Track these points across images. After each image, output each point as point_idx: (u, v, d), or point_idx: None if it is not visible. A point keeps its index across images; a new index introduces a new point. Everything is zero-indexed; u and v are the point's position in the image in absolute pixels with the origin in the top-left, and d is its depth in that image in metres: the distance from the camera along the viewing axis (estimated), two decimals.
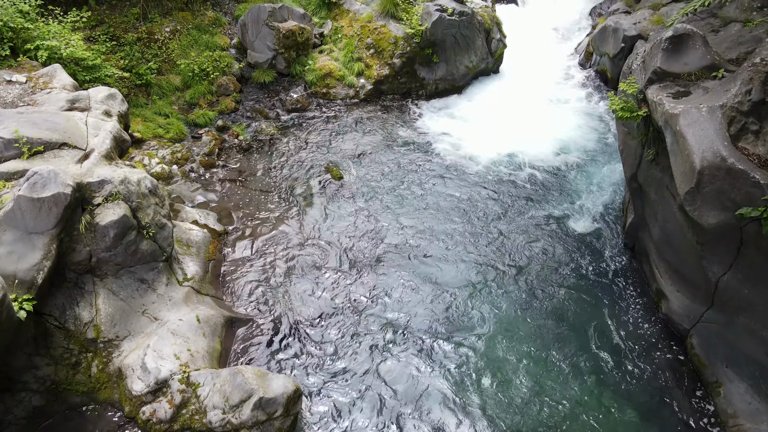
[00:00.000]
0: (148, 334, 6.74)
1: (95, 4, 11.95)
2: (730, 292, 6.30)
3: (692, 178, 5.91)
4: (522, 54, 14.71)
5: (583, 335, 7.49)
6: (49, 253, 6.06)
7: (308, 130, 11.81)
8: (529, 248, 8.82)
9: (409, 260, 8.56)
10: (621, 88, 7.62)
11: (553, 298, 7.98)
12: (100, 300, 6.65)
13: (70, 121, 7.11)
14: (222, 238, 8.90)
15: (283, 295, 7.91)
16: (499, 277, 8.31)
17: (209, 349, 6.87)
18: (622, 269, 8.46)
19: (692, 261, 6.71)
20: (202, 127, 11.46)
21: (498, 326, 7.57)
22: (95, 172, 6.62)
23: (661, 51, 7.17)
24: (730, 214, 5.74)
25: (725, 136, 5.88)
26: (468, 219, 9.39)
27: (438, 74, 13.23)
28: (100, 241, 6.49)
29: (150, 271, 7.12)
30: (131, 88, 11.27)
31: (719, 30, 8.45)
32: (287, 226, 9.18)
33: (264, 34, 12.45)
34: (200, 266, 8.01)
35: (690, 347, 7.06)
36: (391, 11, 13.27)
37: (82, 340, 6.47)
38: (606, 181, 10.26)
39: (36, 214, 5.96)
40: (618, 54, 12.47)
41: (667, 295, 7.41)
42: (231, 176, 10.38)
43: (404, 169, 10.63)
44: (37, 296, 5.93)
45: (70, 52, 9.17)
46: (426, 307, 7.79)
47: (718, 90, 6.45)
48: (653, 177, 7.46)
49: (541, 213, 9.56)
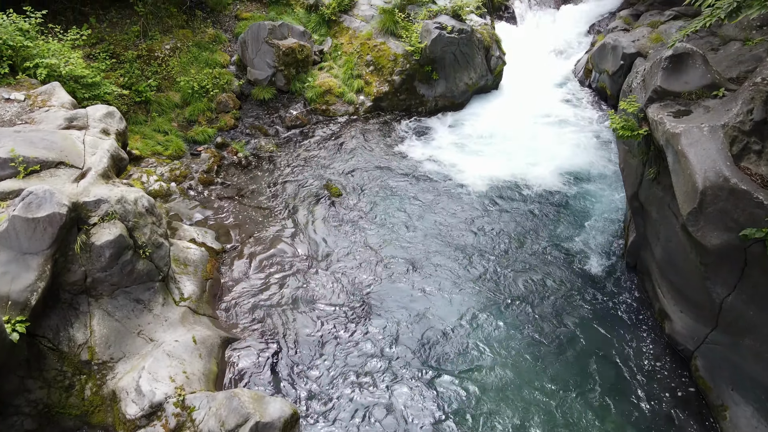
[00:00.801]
0: (144, 355, 6.63)
1: (96, 22, 12.00)
2: (735, 313, 6.20)
3: (695, 199, 5.85)
4: (521, 71, 14.75)
5: (586, 357, 7.36)
6: (44, 274, 5.97)
7: (307, 147, 11.78)
8: (529, 268, 8.73)
9: (409, 283, 8.45)
10: (621, 107, 7.59)
11: (553, 320, 7.87)
12: (95, 321, 6.55)
13: (67, 139, 7.06)
14: (220, 256, 8.82)
15: (280, 316, 7.80)
16: (498, 297, 8.20)
17: (205, 370, 6.75)
18: (624, 289, 8.36)
19: (696, 281, 6.62)
20: (201, 144, 11.44)
21: (497, 348, 7.44)
22: (92, 191, 6.55)
23: (661, 70, 7.16)
24: (734, 234, 5.67)
25: (727, 156, 5.83)
26: (465, 240, 9.30)
27: (438, 91, 13.25)
28: (96, 261, 6.40)
29: (146, 291, 7.02)
30: (130, 105, 11.26)
31: (719, 48, 8.45)
32: (286, 244, 9.09)
33: (264, 52, 12.48)
34: (197, 285, 7.91)
35: (695, 369, 6.93)
36: (391, 29, 13.33)
37: (75, 362, 6.35)
38: (606, 199, 10.20)
39: (31, 235, 5.88)
40: (617, 71, 12.50)
41: (670, 316, 7.30)
42: (229, 194, 10.32)
43: (403, 187, 10.56)
44: (31, 318, 5.83)
45: (69, 70, 9.15)
46: (426, 332, 7.67)
47: (719, 109, 6.41)
48: (655, 196, 7.40)
49: (541, 232, 9.49)
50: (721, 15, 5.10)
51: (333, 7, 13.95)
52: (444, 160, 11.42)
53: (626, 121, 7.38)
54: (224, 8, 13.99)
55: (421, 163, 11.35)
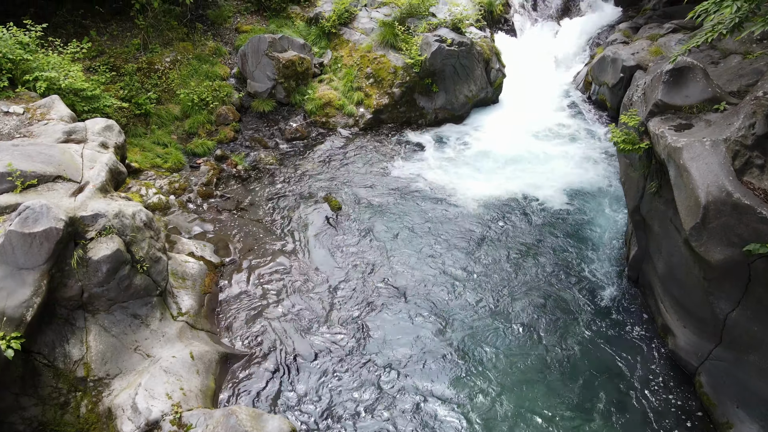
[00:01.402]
0: (140, 372, 6.54)
1: (96, 35, 12.03)
2: (739, 329, 6.13)
3: (697, 213, 5.80)
4: (521, 83, 14.76)
5: (588, 373, 7.27)
6: (40, 289, 5.91)
7: (307, 160, 11.76)
8: (528, 282, 8.65)
9: (409, 303, 8.35)
10: (622, 121, 7.57)
11: (553, 336, 7.77)
12: (91, 337, 6.47)
13: (65, 153, 7.02)
14: (218, 270, 8.75)
15: (279, 331, 7.71)
16: (497, 315, 8.12)
17: (203, 387, 6.66)
18: (625, 304, 8.28)
19: (699, 296, 6.55)
20: (201, 156, 11.41)
21: (497, 368, 7.35)
22: (89, 205, 6.50)
23: (661, 84, 7.13)
24: (738, 250, 5.61)
25: (730, 171, 5.78)
26: (463, 253, 9.23)
27: (437, 104, 13.25)
28: (93, 277, 6.34)
29: (143, 306, 6.95)
30: (130, 117, 11.25)
31: (719, 62, 8.46)
32: (285, 258, 9.03)
33: (264, 64, 12.50)
34: (195, 300, 7.84)
35: (698, 385, 6.84)
36: (391, 41, 13.36)
37: (71, 379, 6.27)
38: (607, 213, 10.14)
39: (27, 250, 5.83)
40: (617, 84, 12.50)
41: (673, 331, 7.22)
42: (229, 206, 10.27)
43: (402, 201, 10.50)
44: (26, 334, 5.76)
45: (68, 83, 9.15)
46: (426, 353, 7.55)
47: (720, 123, 6.38)
48: (657, 210, 7.35)
49: (541, 246, 9.42)
50: (723, 31, 5.08)
51: (333, 20, 14.00)
52: (443, 173, 11.38)
53: (627, 135, 7.35)
54: (225, 21, 14.05)
55: (420, 176, 11.30)
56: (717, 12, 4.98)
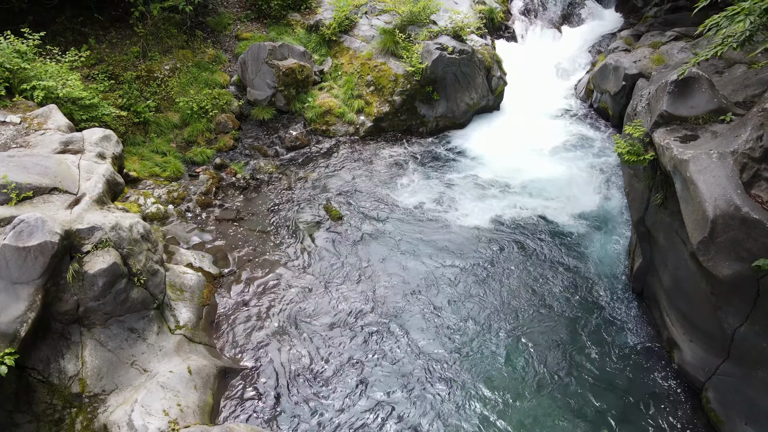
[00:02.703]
0: (137, 387, 6.41)
1: (95, 42, 11.96)
2: (748, 344, 6.01)
3: (705, 228, 5.69)
4: (522, 91, 14.68)
5: (592, 387, 7.14)
6: (34, 304, 5.80)
7: (307, 168, 11.66)
8: (531, 293, 8.54)
9: (410, 318, 8.20)
10: (627, 131, 7.46)
11: (557, 349, 7.65)
12: (87, 352, 6.34)
13: (61, 164, 6.92)
14: (217, 281, 8.63)
15: (278, 344, 7.59)
16: (499, 327, 8.00)
17: (200, 403, 6.53)
18: (630, 316, 8.16)
19: (706, 310, 6.43)
20: (200, 165, 11.31)
21: (500, 383, 7.23)
22: (85, 218, 6.39)
23: (666, 94, 7.04)
24: (746, 265, 5.50)
25: (738, 184, 5.68)
26: (466, 269, 9.11)
27: (438, 111, 13.16)
28: (89, 290, 6.22)
29: (140, 319, 6.82)
30: (129, 126, 11.15)
31: (723, 71, 8.37)
32: (285, 269, 8.91)
33: (264, 72, 12.42)
34: (194, 312, 7.71)
35: (705, 401, 6.71)
36: (391, 49, 13.29)
37: (66, 395, 6.14)
38: (610, 223, 10.02)
39: (21, 264, 5.72)
40: (619, 92, 12.43)
41: (679, 345, 7.10)
42: (228, 216, 10.16)
43: (402, 213, 10.38)
44: (20, 349, 5.65)
45: (66, 92, 9.06)
46: (428, 371, 7.44)
47: (727, 135, 6.28)
48: (662, 222, 7.24)
49: (541, 256, 9.30)
50: (734, 45, 4.98)
51: (333, 27, 13.92)
52: (444, 183, 11.27)
53: (632, 146, 7.25)
54: (225, 28, 13.97)
55: (421, 186, 11.20)
56: (729, 27, 4.88)
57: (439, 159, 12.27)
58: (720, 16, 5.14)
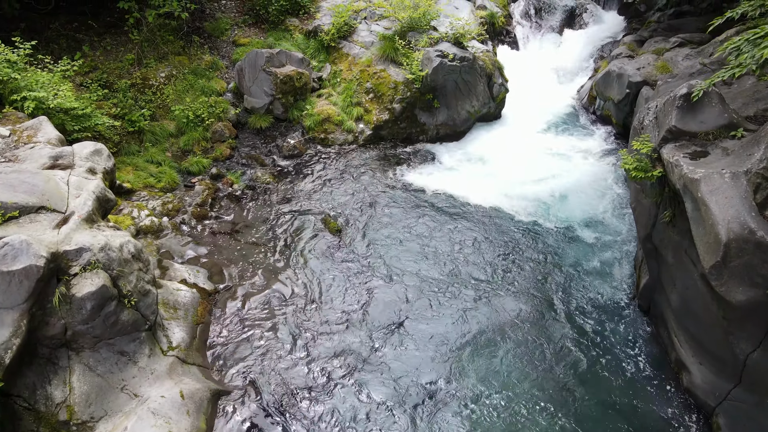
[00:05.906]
0: (127, 413, 6.18)
1: (89, 49, 11.73)
2: (761, 371, 5.78)
3: (718, 252, 5.46)
4: (524, 98, 14.45)
5: (598, 408, 6.91)
6: (19, 330, 5.56)
7: (305, 178, 11.42)
8: (534, 308, 8.31)
9: (410, 334, 7.98)
10: (634, 146, 7.22)
11: (561, 369, 7.42)
12: (75, 377, 6.11)
13: (50, 181, 6.68)
14: (212, 297, 8.40)
15: (275, 365, 7.35)
16: (502, 345, 7.77)
17: (193, 429, 6.30)
18: (636, 334, 7.93)
19: (717, 334, 6.20)
20: (196, 175, 11.08)
21: (501, 402, 7.00)
22: (73, 238, 6.16)
23: (675, 108, 6.81)
24: (761, 291, 5.27)
25: (752, 206, 5.45)
26: (469, 285, 8.89)
27: (439, 119, 12.93)
28: (77, 314, 5.99)
29: (131, 342, 6.59)
30: (123, 135, 10.92)
31: (732, 83, 8.14)
32: (282, 284, 8.68)
33: (261, 79, 12.19)
34: (187, 332, 7.49)
35: (716, 427, 6.49)
36: (391, 56, 13.05)
37: (53, 423, 5.91)
38: (615, 237, 9.78)
39: (5, 289, 5.49)
40: (623, 100, 12.20)
41: (688, 368, 6.87)
42: (224, 228, 9.93)
43: (403, 224, 10.14)
44: (5, 377, 5.42)
45: (58, 103, 8.82)
46: (429, 391, 7.22)
47: (739, 153, 6.05)
48: (670, 240, 7.01)
49: (544, 269, 9.08)
50: (753, 67, 4.75)
51: (332, 33, 13.69)
52: (445, 195, 11.03)
53: (639, 162, 7.01)
54: (222, 34, 13.75)
55: (421, 197, 10.96)
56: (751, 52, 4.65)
57: (439, 167, 12.04)
58: (741, 38, 4.91)
